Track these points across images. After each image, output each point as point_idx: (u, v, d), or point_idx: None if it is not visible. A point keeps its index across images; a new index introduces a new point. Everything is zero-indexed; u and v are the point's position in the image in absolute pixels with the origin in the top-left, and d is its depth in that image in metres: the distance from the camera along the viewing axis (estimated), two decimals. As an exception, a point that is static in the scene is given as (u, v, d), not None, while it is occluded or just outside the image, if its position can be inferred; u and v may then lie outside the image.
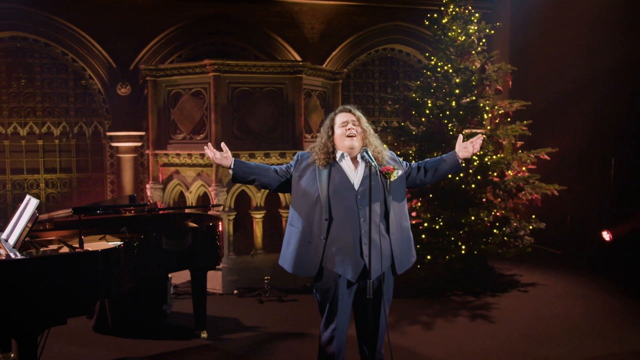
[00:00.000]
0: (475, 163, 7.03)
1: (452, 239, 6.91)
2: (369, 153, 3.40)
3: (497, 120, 7.45)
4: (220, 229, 5.44)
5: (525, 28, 9.66)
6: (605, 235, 7.84)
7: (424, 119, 7.37)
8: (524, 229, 7.18)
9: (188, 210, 6.14)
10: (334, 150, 3.55)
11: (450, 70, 7.30)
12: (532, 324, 5.61)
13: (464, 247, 6.94)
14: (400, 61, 10.44)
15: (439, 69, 7.38)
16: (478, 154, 7.03)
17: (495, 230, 7.05)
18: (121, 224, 5.22)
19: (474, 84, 7.27)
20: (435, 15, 7.60)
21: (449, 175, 6.81)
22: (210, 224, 5.32)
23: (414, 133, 7.40)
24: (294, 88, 6.91)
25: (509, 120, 7.48)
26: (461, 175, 7.00)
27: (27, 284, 3.50)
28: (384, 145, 3.69)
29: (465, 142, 3.64)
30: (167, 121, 7.14)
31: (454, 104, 7.16)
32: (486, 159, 7.06)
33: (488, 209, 7.12)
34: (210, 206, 6.21)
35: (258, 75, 6.84)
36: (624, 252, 7.58)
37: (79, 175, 9.19)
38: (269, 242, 7.14)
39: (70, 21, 8.57)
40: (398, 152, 7.13)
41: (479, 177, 7.07)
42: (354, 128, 3.52)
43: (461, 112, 7.16)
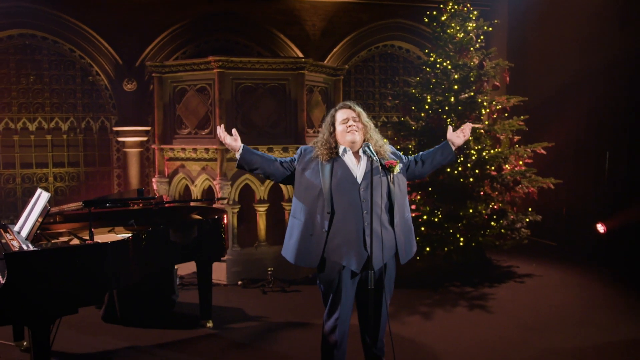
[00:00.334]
0: (474, 157, 7.05)
1: (451, 231, 6.94)
2: (371, 148, 3.43)
3: (495, 116, 7.47)
4: (225, 221, 5.45)
5: (522, 25, 9.66)
6: (600, 227, 7.86)
7: (423, 114, 7.38)
8: (520, 221, 7.20)
9: (193, 204, 6.16)
10: (337, 146, 3.57)
11: (449, 67, 7.31)
12: (528, 313, 5.65)
13: (462, 239, 6.97)
14: (400, 57, 10.44)
15: (438, 65, 7.39)
16: (476, 148, 7.06)
17: (492, 223, 7.08)
18: (129, 217, 5.26)
19: (472, 80, 7.28)
20: (434, 12, 7.60)
21: (448, 169, 6.96)
22: (215, 217, 5.34)
23: (413, 128, 7.42)
24: (297, 84, 6.92)
25: (506, 115, 7.49)
26: (460, 169, 7.03)
27: (41, 274, 3.54)
28: (384, 139, 3.73)
29: (457, 131, 3.75)
30: (173, 116, 7.17)
31: (452, 99, 7.18)
32: (484, 153, 7.09)
33: (486, 202, 7.14)
34: (215, 199, 6.22)
35: (261, 72, 6.86)
36: (618, 244, 7.61)
37: (86, 169, 9.22)
38: (272, 234, 7.17)
39: (78, 19, 8.59)
40: (398, 147, 7.15)
41: (477, 171, 7.10)
42: (354, 124, 3.54)
43: (460, 108, 7.17)
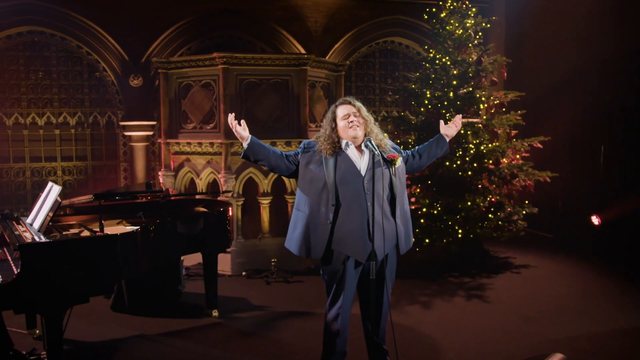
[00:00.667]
0: (472, 151, 7.07)
1: (450, 223, 6.96)
2: (373, 142, 3.46)
3: (493, 110, 7.49)
4: (230, 214, 5.48)
5: (519, 22, 9.65)
6: (594, 219, 7.89)
7: (422, 109, 7.40)
8: (517, 213, 7.23)
9: (199, 197, 6.20)
10: (339, 140, 3.60)
11: (448, 63, 7.32)
12: (525, 303, 5.69)
13: (460, 231, 7.00)
14: (400, 53, 10.44)
15: (437, 61, 7.40)
16: (475, 143, 7.09)
17: (490, 215, 7.11)
18: (137, 210, 5.29)
19: (470, 75, 7.29)
20: (434, 9, 7.60)
21: (447, 163, 6.99)
22: (220, 209, 5.37)
23: (413, 122, 7.44)
24: (299, 80, 6.94)
25: (503, 110, 7.50)
26: (458, 162, 7.06)
27: (54, 264, 3.58)
28: (384, 133, 3.77)
29: (449, 123, 3.89)
30: (178, 111, 7.19)
31: (451, 94, 7.19)
32: (482, 147, 7.11)
33: (483, 195, 7.17)
34: (220, 192, 6.25)
35: (265, 68, 6.87)
36: (612, 236, 7.65)
37: (93, 163, 9.26)
38: (275, 226, 7.20)
39: (85, 16, 8.60)
40: (398, 141, 7.18)
41: (475, 165, 7.12)
42: (355, 119, 3.57)
43: (458, 103, 7.19)
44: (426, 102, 7.31)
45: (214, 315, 5.31)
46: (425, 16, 7.73)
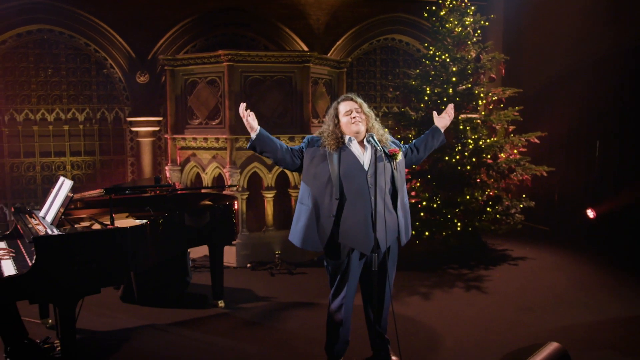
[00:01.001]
0: (471, 146, 7.09)
1: (449, 216, 6.99)
2: (375, 138, 3.49)
3: (491, 106, 7.49)
4: (235, 207, 5.50)
5: (517, 20, 9.64)
6: (590, 213, 7.91)
7: (422, 105, 7.40)
8: (515, 207, 7.25)
9: (205, 191, 6.22)
10: (342, 135, 3.63)
11: (448, 60, 7.33)
12: (522, 294, 5.72)
13: (459, 224, 7.03)
14: (400, 50, 10.44)
15: (437, 58, 7.41)
16: (473, 138, 7.11)
17: (488, 209, 7.13)
18: (145, 203, 5.31)
19: (469, 72, 7.29)
20: (433, 7, 7.59)
21: (446, 158, 7.01)
22: (226, 203, 5.39)
23: (413, 118, 7.46)
24: (302, 76, 6.96)
25: (502, 106, 7.51)
26: (457, 157, 7.08)
27: (67, 256, 3.62)
28: (385, 129, 3.80)
29: (442, 114, 3.93)
30: (184, 108, 7.21)
31: (451, 91, 7.20)
32: (480, 143, 7.13)
33: (482, 189, 7.19)
34: (225, 186, 6.28)
35: (269, 65, 6.89)
36: (607, 229, 7.67)
37: (101, 158, 9.29)
38: (279, 220, 7.23)
39: (93, 14, 8.61)
40: (398, 136, 7.20)
41: (474, 159, 7.13)
42: (358, 115, 3.60)
43: (457, 99, 7.19)
44: (426, 99, 7.32)
45: (220, 306, 5.34)
46: (425, 14, 7.73)
